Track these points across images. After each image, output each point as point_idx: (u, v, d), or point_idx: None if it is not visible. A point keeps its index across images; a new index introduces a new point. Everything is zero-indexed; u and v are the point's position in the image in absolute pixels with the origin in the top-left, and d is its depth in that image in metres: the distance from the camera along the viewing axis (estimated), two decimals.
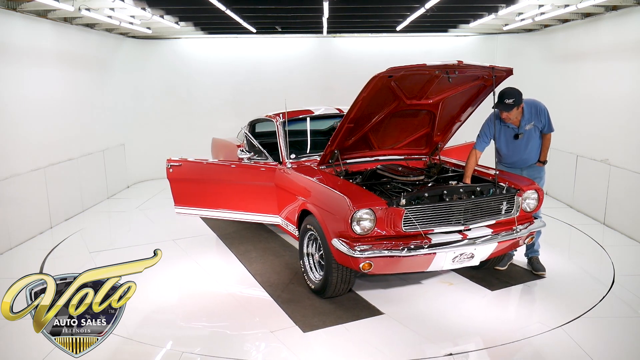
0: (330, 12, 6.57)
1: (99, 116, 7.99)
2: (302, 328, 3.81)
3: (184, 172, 5.29)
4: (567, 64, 7.42)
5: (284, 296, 4.37)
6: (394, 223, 3.75)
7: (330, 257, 3.98)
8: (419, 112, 4.65)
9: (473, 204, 4.00)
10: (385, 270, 3.86)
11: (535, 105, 4.53)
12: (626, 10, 5.92)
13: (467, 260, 3.94)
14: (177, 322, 4.06)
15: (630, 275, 4.71)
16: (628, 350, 3.54)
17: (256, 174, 5.08)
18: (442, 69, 3.98)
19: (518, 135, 4.52)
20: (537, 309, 4.22)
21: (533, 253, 4.81)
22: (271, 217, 5.08)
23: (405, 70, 3.86)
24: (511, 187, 4.21)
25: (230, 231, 6.16)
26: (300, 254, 4.49)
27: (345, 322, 3.89)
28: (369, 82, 3.90)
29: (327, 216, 3.96)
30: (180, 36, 9.10)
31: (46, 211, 6.42)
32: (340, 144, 4.56)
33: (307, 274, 4.42)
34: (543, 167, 4.71)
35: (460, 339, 3.71)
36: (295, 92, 9.26)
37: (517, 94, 4.33)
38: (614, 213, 6.14)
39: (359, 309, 4.12)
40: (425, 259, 3.80)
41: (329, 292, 4.16)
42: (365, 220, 3.70)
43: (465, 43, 9.30)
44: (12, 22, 5.76)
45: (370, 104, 4.21)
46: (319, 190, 4.21)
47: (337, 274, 4.02)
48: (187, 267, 5.16)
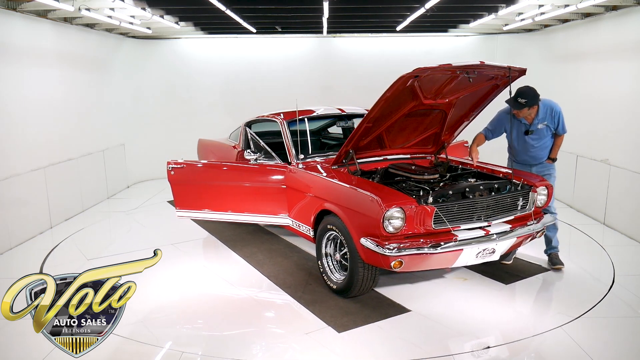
0: (330, 12, 6.57)
1: (99, 116, 7.99)
2: (336, 328, 3.81)
3: (187, 175, 5.21)
4: (567, 64, 7.42)
5: (306, 297, 4.35)
6: (423, 221, 3.80)
7: (356, 256, 4.00)
8: (431, 111, 4.69)
9: (494, 201, 4.12)
10: (413, 267, 3.91)
11: (552, 106, 4.63)
12: (626, 10, 5.92)
13: (488, 255, 4.02)
14: (199, 325, 4.03)
15: (630, 275, 4.71)
16: (628, 350, 3.54)
17: (266, 175, 5.02)
18: (466, 69, 4.06)
19: (528, 131, 4.64)
20: (536, 308, 4.22)
21: (552, 250, 4.90)
22: (280, 218, 5.02)
23: (431, 70, 3.91)
24: (525, 183, 4.33)
25: (230, 234, 6.11)
26: (319, 255, 4.48)
27: (376, 320, 3.92)
28: (395, 82, 3.93)
29: (354, 216, 3.97)
30: (180, 36, 9.10)
31: (46, 211, 6.43)
32: (356, 144, 4.57)
33: (327, 275, 4.42)
34: (553, 165, 4.80)
35: (483, 332, 3.82)
36: (295, 92, 9.25)
37: (532, 95, 4.47)
38: (614, 213, 6.14)
39: (384, 307, 4.16)
40: (452, 255, 3.87)
41: (354, 292, 4.17)
42: (396, 219, 3.73)
43: (465, 43, 9.30)
44: (12, 22, 5.76)
45: (391, 104, 4.25)
46: (344, 190, 4.19)
47: (363, 273, 4.04)
48: (193, 269, 5.13)
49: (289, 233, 5.91)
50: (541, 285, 4.63)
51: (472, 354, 3.48)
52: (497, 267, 4.86)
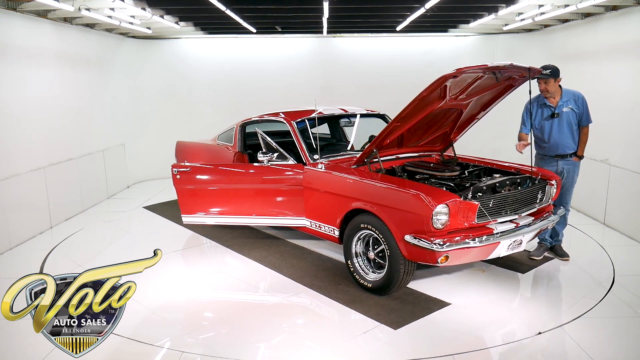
0: (330, 12, 6.57)
1: (98, 116, 7.99)
2: (390, 325, 3.84)
3: (194, 179, 5.11)
4: (567, 64, 7.41)
5: (343, 297, 4.33)
6: (467, 216, 3.89)
7: (397, 253, 4.05)
8: (448, 110, 4.73)
9: (521, 194, 4.31)
10: (457, 261, 3.98)
11: (575, 92, 4.88)
12: (626, 10, 5.92)
13: (517, 246, 4.18)
14: (205, 326, 4.02)
15: (630, 275, 4.71)
16: (628, 350, 3.54)
17: (284, 176, 4.96)
18: (498, 69, 4.15)
19: (554, 114, 4.79)
20: (536, 308, 4.22)
21: (557, 241, 5.11)
22: (297, 219, 4.99)
23: (472, 70, 3.97)
24: (542, 178, 4.54)
25: (230, 237, 5.93)
26: (348, 255, 4.49)
27: (422, 315, 3.99)
28: (435, 82, 3.96)
29: (396, 214, 4.02)
30: (180, 36, 9.10)
31: (46, 211, 6.43)
32: (381, 143, 4.61)
33: (359, 274, 4.44)
34: (578, 163, 4.93)
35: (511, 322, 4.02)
36: (295, 92, 9.27)
37: (554, 67, 4.72)
38: (614, 213, 6.14)
39: (423, 302, 4.23)
40: (490, 248, 3.99)
41: (393, 289, 4.23)
42: (443, 215, 3.81)
43: (465, 43, 9.30)
44: (12, 22, 5.76)
45: (421, 103, 4.28)
46: (383, 189, 4.20)
47: (404, 269, 4.10)
48: (201, 272, 5.07)
49: (293, 235, 5.89)
50: (541, 285, 4.65)
51: (520, 343, 3.59)
52: (510, 258, 5.03)
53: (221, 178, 5.22)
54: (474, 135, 5.99)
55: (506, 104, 5.22)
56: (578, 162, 4.92)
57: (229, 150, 5.96)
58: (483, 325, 3.88)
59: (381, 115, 5.93)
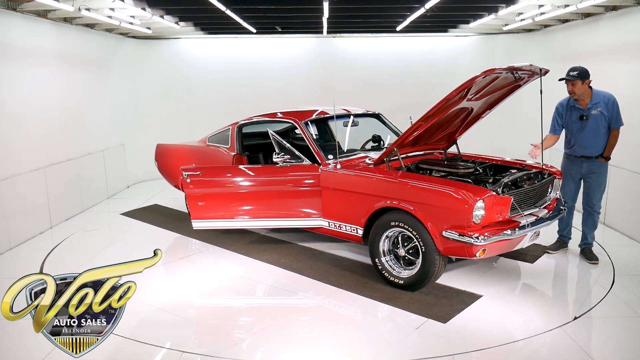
0: (330, 12, 6.57)
1: (98, 116, 7.99)
2: (438, 320, 3.90)
3: (206, 182, 5.02)
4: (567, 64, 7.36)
5: (378, 295, 4.33)
6: (501, 210, 4.03)
7: (432, 249, 4.12)
8: (462, 109, 4.75)
9: (540, 188, 4.49)
10: (491, 253, 4.08)
11: (607, 95, 4.82)
12: (626, 10, 5.92)
13: (535, 238, 4.39)
14: (209, 327, 4.03)
15: (630, 275, 4.71)
16: (628, 350, 3.54)
17: (302, 177, 4.92)
18: (521, 70, 4.26)
19: (583, 116, 4.78)
20: (536, 308, 4.22)
21: (586, 245, 5.08)
22: (314, 220, 4.96)
23: (500, 70, 4.05)
24: (551, 173, 4.70)
25: (232, 241, 5.78)
26: (375, 253, 4.50)
27: (463, 309, 4.07)
28: (465, 83, 4.04)
29: (431, 210, 4.08)
30: (180, 36, 9.10)
31: (46, 211, 6.43)
32: (403, 142, 4.65)
33: (388, 271, 4.46)
34: (605, 164, 4.88)
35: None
36: (295, 92, 9.26)
37: (582, 69, 4.73)
38: (614, 213, 6.14)
39: (456, 295, 4.32)
40: (518, 240, 4.15)
41: (426, 284, 4.31)
42: (481, 210, 3.91)
43: (465, 43, 9.30)
44: (12, 22, 5.76)
45: (447, 103, 4.31)
46: (417, 186, 4.23)
47: (438, 264, 4.18)
48: (208, 273, 5.03)
49: (298, 237, 5.82)
50: (541, 286, 4.64)
51: (519, 343, 3.62)
52: (516, 251, 5.04)
53: (237, 180, 5.11)
54: (474, 135, 5.98)
55: (506, 105, 5.22)
56: (605, 164, 4.87)
57: (225, 152, 5.83)
58: (522, 314, 4.06)
59: (376, 114, 5.92)
